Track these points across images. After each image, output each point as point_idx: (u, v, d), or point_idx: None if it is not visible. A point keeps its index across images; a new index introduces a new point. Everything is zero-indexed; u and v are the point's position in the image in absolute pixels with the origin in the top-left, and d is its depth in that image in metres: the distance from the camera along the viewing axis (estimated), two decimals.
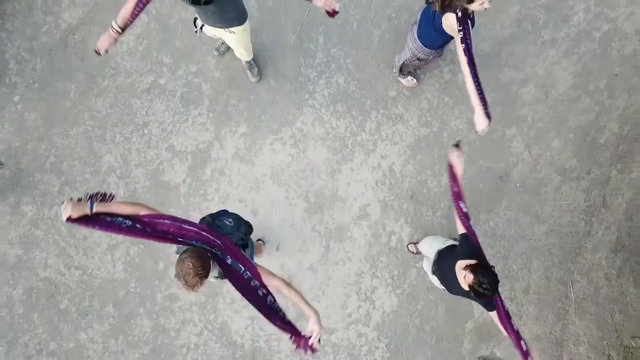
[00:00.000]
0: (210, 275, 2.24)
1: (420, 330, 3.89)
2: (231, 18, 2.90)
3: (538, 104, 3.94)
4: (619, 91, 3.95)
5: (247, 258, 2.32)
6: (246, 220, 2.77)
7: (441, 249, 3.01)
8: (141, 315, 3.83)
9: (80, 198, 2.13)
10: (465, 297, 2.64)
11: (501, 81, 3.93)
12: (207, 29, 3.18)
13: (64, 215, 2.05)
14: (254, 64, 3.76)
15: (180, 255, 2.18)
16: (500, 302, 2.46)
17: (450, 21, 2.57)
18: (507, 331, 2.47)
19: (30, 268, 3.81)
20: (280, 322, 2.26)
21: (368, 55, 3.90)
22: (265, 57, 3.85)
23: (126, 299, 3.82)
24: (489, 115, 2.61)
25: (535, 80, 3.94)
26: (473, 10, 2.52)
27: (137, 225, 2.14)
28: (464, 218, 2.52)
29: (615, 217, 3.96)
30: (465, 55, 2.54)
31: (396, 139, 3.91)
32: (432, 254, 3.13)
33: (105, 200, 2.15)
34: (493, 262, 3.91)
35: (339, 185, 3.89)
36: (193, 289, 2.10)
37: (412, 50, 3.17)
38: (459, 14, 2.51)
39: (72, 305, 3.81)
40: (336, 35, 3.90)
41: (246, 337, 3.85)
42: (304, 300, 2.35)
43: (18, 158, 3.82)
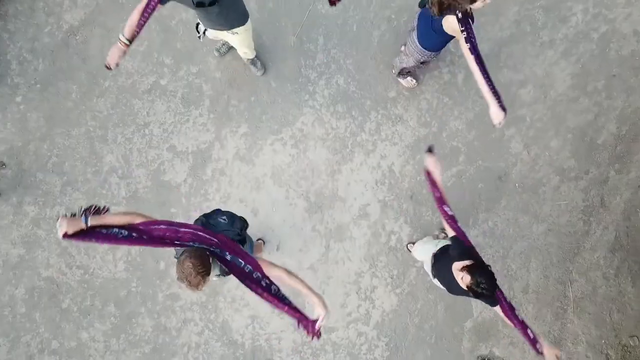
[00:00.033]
0: (213, 274, 2.27)
1: (419, 329, 3.92)
2: (233, 19, 2.93)
3: (537, 105, 3.97)
4: (617, 92, 3.98)
5: (246, 252, 2.35)
6: (240, 216, 2.78)
7: (435, 252, 3.01)
8: (142, 314, 3.85)
9: (74, 213, 2.14)
10: (467, 296, 2.66)
11: (500, 82, 3.95)
12: (210, 33, 3.20)
13: (59, 233, 2.06)
14: (256, 59, 3.79)
15: (178, 258, 2.20)
16: (502, 296, 2.48)
17: (451, 23, 2.56)
18: (513, 323, 2.49)
19: (33, 267, 3.84)
20: (288, 308, 2.32)
21: (368, 56, 3.93)
22: (265, 58, 3.87)
23: (127, 298, 3.85)
24: (504, 108, 2.64)
25: (534, 81, 3.96)
26: (473, 9, 2.51)
27: (134, 234, 2.17)
28: (451, 221, 2.53)
29: (613, 217, 3.99)
30: (472, 54, 2.54)
31: (396, 139, 3.93)
32: (428, 258, 3.12)
33: (99, 213, 2.17)
34: (492, 262, 3.94)
35: (339, 185, 3.91)
36: (197, 288, 2.13)
37: (415, 56, 3.16)
38: (459, 15, 2.49)
39: (74, 304, 3.84)
40: (336, 36, 3.92)
41: (247, 336, 3.88)
42: (307, 286, 2.39)
43: (20, 158, 3.85)
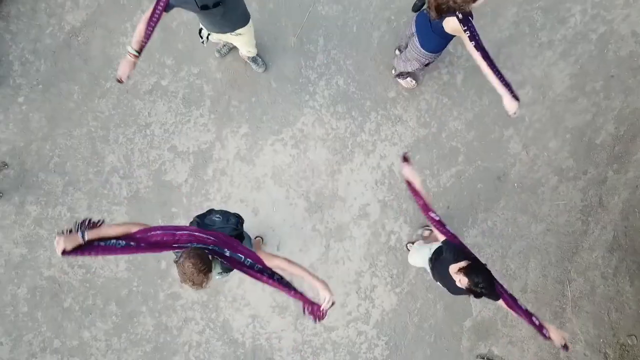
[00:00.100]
0: (215, 273, 2.29)
1: (419, 329, 3.94)
2: (236, 20, 2.97)
3: (535, 105, 3.99)
4: (616, 92, 4.00)
5: (244, 247, 2.37)
6: (234, 212, 2.81)
7: (430, 256, 3.02)
8: (144, 313, 3.88)
9: (70, 229, 2.17)
10: (469, 295, 2.67)
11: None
12: (214, 37, 3.23)
13: (58, 250, 2.09)
14: (257, 56, 3.82)
15: (177, 260, 2.21)
16: (502, 290, 2.50)
17: (453, 24, 2.57)
18: (517, 313, 2.51)
19: (35, 267, 3.87)
20: (294, 292, 2.37)
21: (367, 57, 3.95)
22: (266, 59, 3.90)
23: (129, 297, 3.87)
24: (516, 97, 2.67)
25: (533, 82, 3.99)
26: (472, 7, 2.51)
27: (132, 243, 2.21)
28: (439, 226, 2.53)
29: (611, 217, 4.01)
30: (478, 51, 2.57)
31: (395, 140, 3.96)
32: (425, 264, 3.14)
33: (95, 226, 2.20)
34: (491, 261, 3.97)
35: (339, 185, 3.94)
36: (202, 286, 2.15)
37: (420, 59, 3.17)
38: (459, 15, 2.51)
39: (76, 303, 3.86)
40: (336, 37, 3.95)
41: (247, 335, 3.90)
42: (309, 272, 2.42)
43: (22, 158, 3.87)
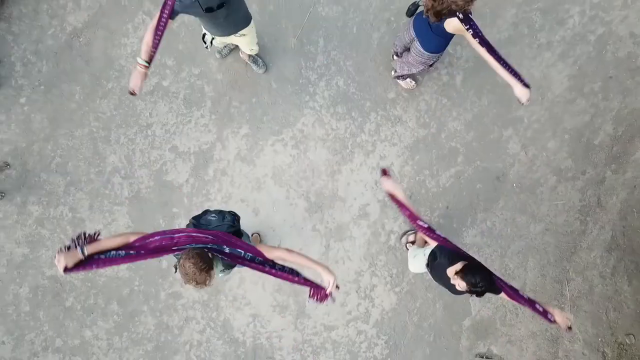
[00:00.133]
0: (217, 270, 2.31)
1: (418, 328, 3.97)
2: (239, 21, 3.00)
3: (534, 106, 4.01)
4: (614, 93, 4.02)
5: (243, 241, 2.40)
6: (229, 210, 2.83)
7: (427, 262, 3.05)
8: (145, 312, 3.90)
9: (69, 246, 2.20)
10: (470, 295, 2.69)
11: (498, 83, 3.98)
12: (218, 41, 3.25)
13: (60, 269, 2.12)
14: (257, 57, 3.84)
15: (177, 263, 2.24)
16: (502, 282, 2.51)
17: (455, 24, 2.59)
18: (520, 302, 2.54)
19: (36, 267, 3.89)
20: (298, 279, 2.42)
21: (367, 58, 3.97)
22: (266, 60, 3.92)
23: (130, 296, 3.90)
24: (527, 85, 2.70)
25: (532, 83, 3.91)
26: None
27: (131, 252, 2.24)
28: (429, 232, 2.55)
29: (609, 217, 4.04)
30: (483, 46, 2.59)
31: (395, 140, 3.98)
32: (424, 269, 3.17)
33: (92, 240, 2.23)
34: (490, 261, 4.00)
35: (338, 186, 3.96)
36: (205, 285, 2.18)
37: (424, 62, 3.19)
38: (460, 15, 2.53)
39: (78, 303, 3.89)
40: (336, 38, 3.97)
41: (248, 334, 3.93)
42: (310, 259, 2.46)
43: (24, 159, 3.89)
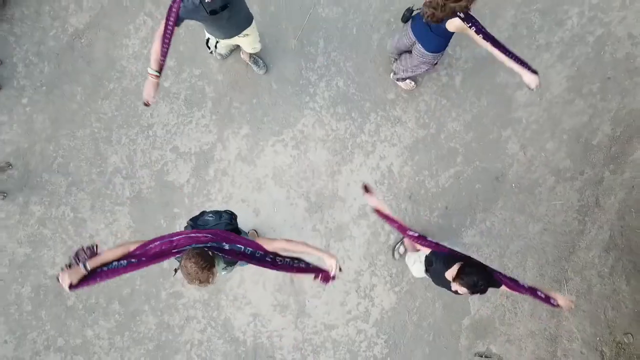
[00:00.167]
0: (219, 268, 2.34)
1: (418, 327, 3.99)
2: (241, 21, 3.04)
3: (533, 106, 4.04)
4: (612, 94, 4.05)
5: (242, 237, 2.42)
6: (225, 209, 2.86)
7: (425, 268, 3.08)
8: (146, 312, 3.93)
9: (70, 263, 2.23)
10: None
11: (497, 83, 4.03)
12: (221, 47, 3.28)
13: (65, 286, 2.16)
14: (258, 58, 3.87)
15: (179, 265, 2.27)
16: (501, 275, 2.54)
17: (457, 24, 2.63)
18: (522, 292, 2.56)
19: (38, 266, 3.91)
20: (302, 268, 2.43)
21: (367, 59, 4.00)
22: (267, 61, 3.94)
23: (131, 296, 3.92)
24: (535, 71, 2.75)
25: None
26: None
27: (133, 260, 2.27)
28: (422, 241, 2.58)
29: (608, 217, 4.06)
30: (487, 40, 2.65)
31: (394, 141, 4.00)
32: (424, 275, 3.21)
33: (93, 254, 2.25)
34: (489, 261, 4.02)
35: (338, 186, 3.99)
36: (209, 282, 2.21)
37: (428, 62, 3.20)
38: (461, 15, 2.56)
39: (79, 302, 3.91)
40: (336, 39, 3.99)
41: (248, 334, 3.95)
42: (310, 246, 2.48)
43: (26, 159, 3.92)
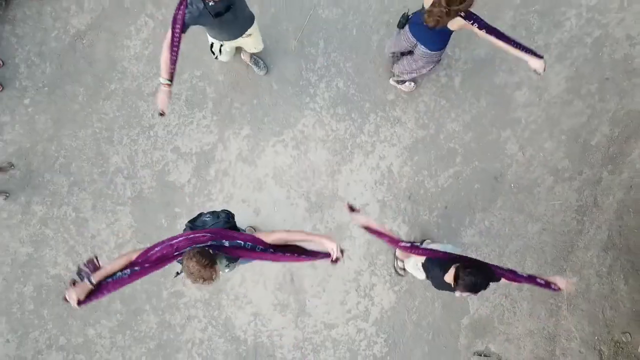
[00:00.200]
0: (222, 267, 2.37)
1: (417, 326, 4.02)
2: (244, 22, 3.08)
3: (532, 107, 4.06)
4: (610, 94, 4.07)
5: (241, 233, 2.45)
6: (222, 209, 2.90)
7: (426, 276, 3.12)
8: (147, 311, 3.95)
9: (75, 280, 2.25)
10: None
11: (496, 84, 4.05)
12: (225, 51, 3.34)
13: (73, 304, 2.18)
14: (258, 58, 3.90)
15: (182, 267, 2.30)
16: (498, 269, 2.56)
17: (459, 23, 2.67)
18: (522, 282, 2.58)
19: (40, 266, 3.94)
20: (302, 257, 2.45)
21: (367, 60, 4.02)
22: (267, 62, 3.97)
23: (133, 295, 3.94)
24: (540, 56, 2.78)
25: (529, 84, 4.06)
26: None
27: (136, 268, 2.30)
28: (413, 250, 2.60)
29: (606, 217, 4.09)
30: (491, 34, 2.69)
31: (394, 141, 4.03)
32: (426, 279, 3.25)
33: (96, 267, 2.28)
34: (488, 260, 4.02)
35: (338, 186, 4.01)
36: (213, 279, 2.25)
37: (432, 61, 3.22)
38: (462, 14, 2.60)
39: None
40: (336, 40, 4.02)
41: (249, 333, 3.98)
42: (309, 233, 2.52)
43: (28, 159, 3.94)
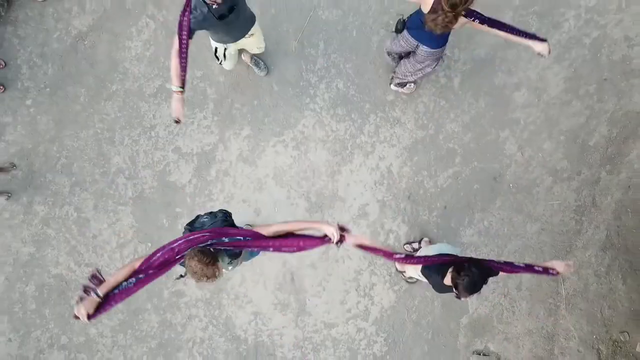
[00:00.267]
0: (224, 265, 2.39)
1: (417, 325, 4.04)
2: (245, 22, 3.11)
3: (530, 107, 4.09)
4: (608, 95, 4.10)
5: (239, 229, 2.48)
6: (219, 209, 2.92)
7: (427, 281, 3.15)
8: (149, 310, 3.98)
9: (81, 296, 2.26)
10: None
11: (495, 85, 4.08)
12: (230, 55, 3.38)
13: (83, 319, 2.20)
14: (259, 59, 3.93)
15: (185, 267, 2.33)
16: (494, 264, 2.59)
17: (462, 21, 2.71)
18: (520, 272, 2.60)
19: (42, 265, 3.97)
20: (303, 242, 2.46)
21: (367, 61, 4.05)
22: (268, 63, 3.99)
23: (134, 295, 3.95)
24: (544, 39, 2.82)
25: (528, 85, 4.08)
26: None
27: (140, 276, 2.33)
28: (408, 260, 2.61)
29: (604, 217, 4.11)
30: (493, 26, 2.74)
31: (394, 141, 4.05)
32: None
33: (101, 280, 2.29)
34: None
35: (338, 186, 4.04)
36: (216, 277, 2.28)
37: (437, 58, 3.24)
38: (463, 13, 2.64)
39: None
40: (336, 41, 4.04)
41: (250, 332, 4.00)
42: (306, 221, 2.53)
43: (30, 160, 3.97)
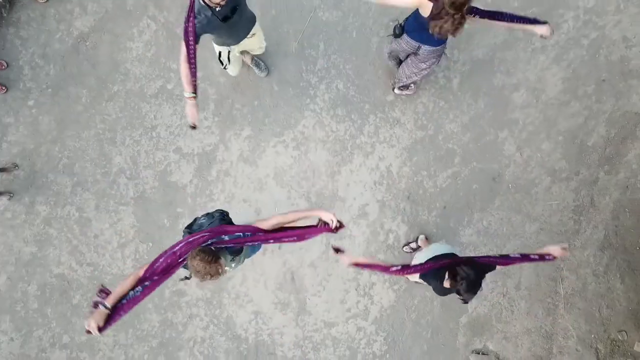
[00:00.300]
0: (227, 263, 2.42)
1: (416, 325, 4.06)
2: (247, 22, 3.14)
3: (529, 108, 4.11)
4: (607, 96, 4.12)
5: (238, 225, 2.51)
6: (215, 210, 2.96)
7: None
8: (150, 310, 4.00)
9: (91, 311, 2.29)
10: None
11: (494, 85, 4.10)
12: (235, 58, 3.41)
13: (95, 333, 2.23)
14: (259, 60, 3.95)
15: (189, 268, 2.35)
16: (491, 259, 2.62)
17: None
18: (516, 263, 2.63)
19: (44, 265, 3.99)
20: (303, 231, 2.49)
21: (367, 62, 4.07)
22: (268, 63, 4.02)
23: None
24: (545, 22, 2.85)
25: (527, 85, 4.11)
26: None
27: (146, 283, 2.34)
28: (406, 270, 2.65)
29: (602, 216, 4.13)
30: (493, 19, 2.78)
31: (393, 142, 4.08)
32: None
33: (105, 293, 2.32)
34: None
35: (338, 186, 4.06)
36: (219, 274, 2.31)
37: (438, 54, 3.26)
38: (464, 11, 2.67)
39: (84, 300, 3.98)
40: (336, 42, 4.07)
41: (250, 331, 4.03)
42: (304, 210, 2.56)
43: (32, 160, 3.99)
